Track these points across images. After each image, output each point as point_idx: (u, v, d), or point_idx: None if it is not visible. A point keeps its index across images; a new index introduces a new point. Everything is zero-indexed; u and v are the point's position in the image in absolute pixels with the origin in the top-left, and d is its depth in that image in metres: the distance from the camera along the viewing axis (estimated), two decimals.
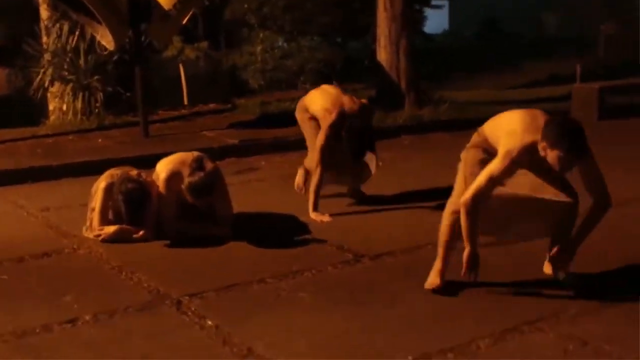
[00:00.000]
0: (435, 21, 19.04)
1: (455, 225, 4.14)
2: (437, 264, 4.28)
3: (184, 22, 9.27)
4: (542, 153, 3.84)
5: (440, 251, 4.27)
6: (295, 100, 10.58)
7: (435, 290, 4.21)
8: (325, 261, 4.85)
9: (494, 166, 3.90)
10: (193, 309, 4.13)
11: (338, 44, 15.20)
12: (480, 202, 3.91)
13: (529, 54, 17.87)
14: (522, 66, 16.76)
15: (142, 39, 9.43)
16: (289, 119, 9.42)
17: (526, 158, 3.91)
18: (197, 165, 5.26)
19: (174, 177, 5.29)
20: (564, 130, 3.78)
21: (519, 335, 3.72)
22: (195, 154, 5.47)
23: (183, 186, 5.19)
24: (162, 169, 5.42)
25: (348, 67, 13.65)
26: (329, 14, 14.16)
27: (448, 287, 4.23)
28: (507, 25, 22.24)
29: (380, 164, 7.52)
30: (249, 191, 6.80)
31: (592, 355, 3.53)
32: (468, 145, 4.29)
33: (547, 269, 4.42)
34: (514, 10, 24.03)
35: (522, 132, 3.91)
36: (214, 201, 5.35)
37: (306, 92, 6.51)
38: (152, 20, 8.85)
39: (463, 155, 4.28)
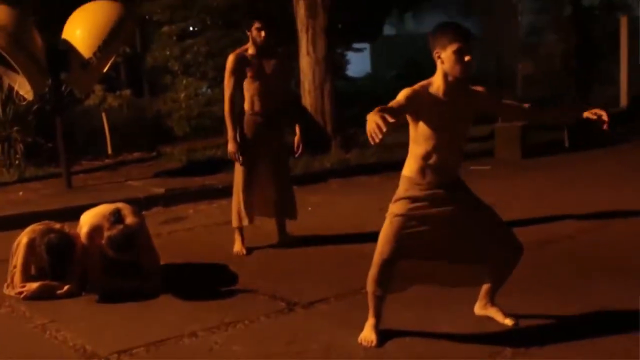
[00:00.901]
0: (358, 64, 19.24)
1: (382, 276, 4.07)
2: (370, 319, 4.19)
3: (105, 70, 9.14)
4: (440, 69, 3.92)
5: (370, 304, 4.18)
6: (222, 146, 10.54)
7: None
8: (258, 311, 4.75)
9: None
10: None
11: None
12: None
13: None
14: None
15: (63, 88, 9.26)
16: (216, 166, 9.41)
17: (425, 94, 3.91)
18: (115, 218, 5.12)
19: (95, 230, 5.15)
20: (443, 25, 3.96)
21: None
22: (118, 205, 5.33)
23: (103, 241, 5.04)
24: (85, 222, 5.28)
25: None
26: None
27: (383, 335, 4.17)
28: (428, 66, 22.64)
29: (310, 208, 7.49)
30: (176, 241, 6.68)
31: None
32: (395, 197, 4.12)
33: (479, 310, 4.42)
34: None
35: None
36: (139, 254, 5.20)
37: None
38: (72, 69, 8.69)
39: (390, 207, 4.12)
